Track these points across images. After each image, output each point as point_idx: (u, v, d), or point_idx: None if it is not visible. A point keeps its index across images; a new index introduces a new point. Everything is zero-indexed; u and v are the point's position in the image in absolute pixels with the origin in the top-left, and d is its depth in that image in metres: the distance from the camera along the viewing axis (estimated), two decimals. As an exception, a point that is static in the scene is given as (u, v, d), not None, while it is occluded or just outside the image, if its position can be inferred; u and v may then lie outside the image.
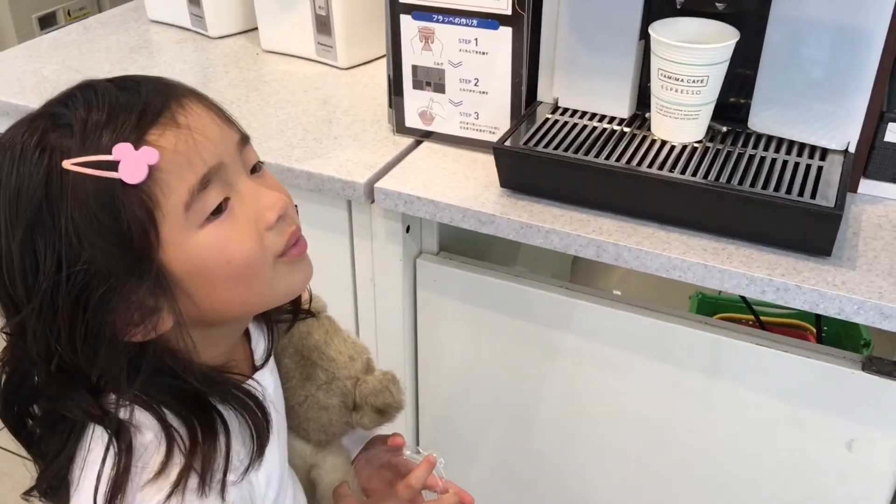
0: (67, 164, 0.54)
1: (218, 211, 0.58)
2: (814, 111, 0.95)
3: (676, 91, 0.93)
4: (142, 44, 1.44)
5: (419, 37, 1.06)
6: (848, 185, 0.90)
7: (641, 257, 0.92)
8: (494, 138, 1.06)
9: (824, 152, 0.95)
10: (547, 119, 1.03)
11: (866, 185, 0.99)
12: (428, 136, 1.12)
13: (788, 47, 0.93)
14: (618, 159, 0.95)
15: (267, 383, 0.71)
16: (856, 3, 0.88)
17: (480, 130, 1.09)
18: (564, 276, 1.50)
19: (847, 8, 0.88)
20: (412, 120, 1.12)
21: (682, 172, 0.93)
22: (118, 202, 0.54)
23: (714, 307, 1.51)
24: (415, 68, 1.08)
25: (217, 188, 0.58)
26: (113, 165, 0.54)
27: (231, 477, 0.61)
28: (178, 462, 0.59)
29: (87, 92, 0.57)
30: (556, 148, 0.97)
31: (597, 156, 0.96)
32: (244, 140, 0.62)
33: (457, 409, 1.21)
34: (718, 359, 0.99)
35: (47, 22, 2.52)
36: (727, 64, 0.93)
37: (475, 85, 1.06)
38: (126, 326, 0.57)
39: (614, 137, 1.00)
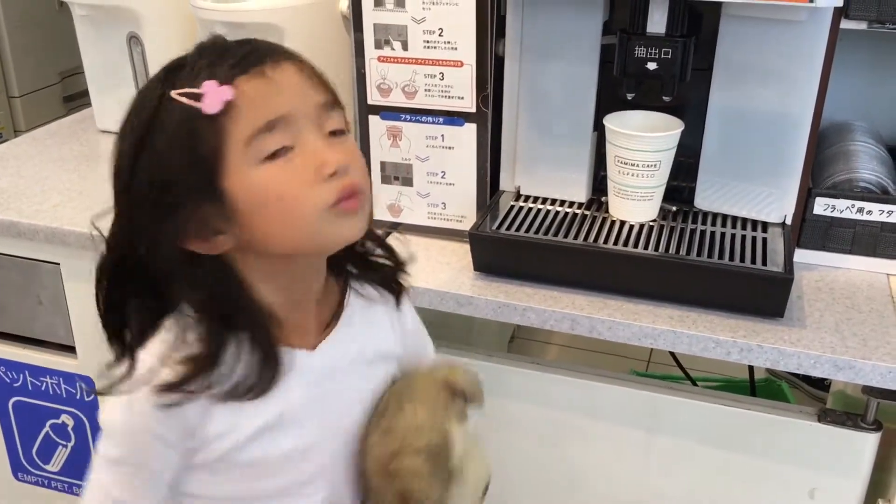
0: (173, 93, 0.65)
1: (275, 155, 0.66)
2: (752, 189, 1.06)
3: (633, 175, 1.03)
4: (95, 153, 1.46)
5: (387, 135, 1.13)
6: (792, 252, 1.01)
7: (614, 328, 0.99)
8: (462, 227, 1.13)
9: (765, 225, 1.06)
10: (512, 206, 1.11)
11: (801, 254, 1.10)
12: (396, 227, 1.18)
13: (726, 134, 1.04)
14: (584, 239, 1.03)
15: (312, 365, 0.75)
16: (784, 95, 1.00)
17: (448, 220, 1.15)
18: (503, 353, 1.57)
19: (777, 99, 1.01)
20: (380, 213, 1.17)
21: (645, 248, 1.01)
22: (197, 128, 0.65)
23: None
24: (383, 164, 1.15)
25: (281, 134, 0.66)
26: (201, 97, 0.65)
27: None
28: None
29: (208, 42, 0.69)
30: (525, 232, 1.05)
31: (564, 237, 1.04)
32: (330, 105, 0.70)
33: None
34: (685, 420, 1.05)
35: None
36: (675, 150, 1.03)
37: (442, 177, 1.13)
38: (190, 237, 0.67)
39: (577, 220, 1.08)
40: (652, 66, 0.94)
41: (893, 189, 1.07)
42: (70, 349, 1.29)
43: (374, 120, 1.13)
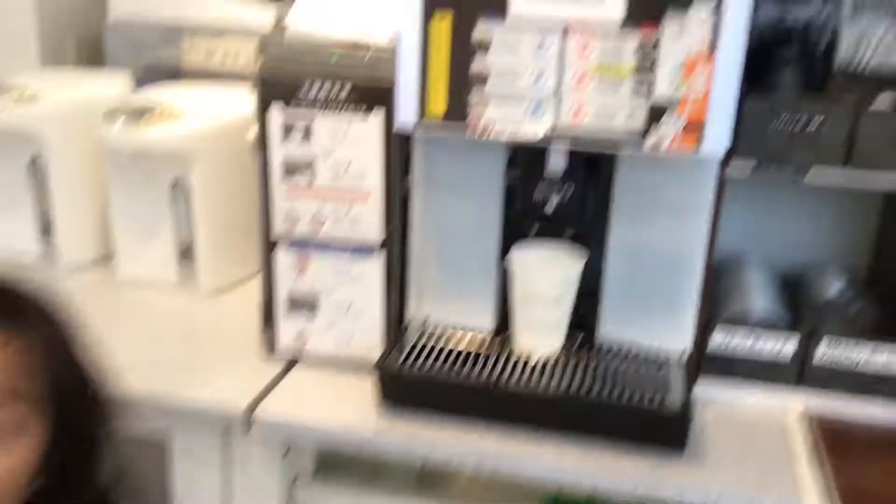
0: None
1: None
2: (653, 322, 1.08)
3: (537, 307, 1.04)
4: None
5: (294, 266, 1.12)
6: (691, 388, 1.02)
7: (520, 466, 0.98)
8: (369, 357, 1.11)
9: (666, 358, 1.08)
10: (420, 337, 1.10)
11: (702, 386, 1.11)
12: (302, 358, 1.16)
13: (627, 269, 1.07)
14: (489, 375, 1.03)
15: None
16: (678, 231, 1.04)
17: (355, 351, 1.14)
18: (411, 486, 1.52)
19: (672, 235, 1.04)
20: (286, 343, 1.15)
21: (549, 384, 1.01)
22: None
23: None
24: (290, 294, 1.13)
25: None
26: None
27: None
28: None
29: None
30: (431, 365, 1.04)
31: (470, 372, 1.03)
32: None
33: None
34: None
35: None
36: (578, 282, 1.05)
37: (349, 309, 1.12)
38: None
39: (482, 355, 1.08)
40: (551, 207, 0.97)
41: (785, 321, 1.11)
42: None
43: (281, 250, 1.12)
